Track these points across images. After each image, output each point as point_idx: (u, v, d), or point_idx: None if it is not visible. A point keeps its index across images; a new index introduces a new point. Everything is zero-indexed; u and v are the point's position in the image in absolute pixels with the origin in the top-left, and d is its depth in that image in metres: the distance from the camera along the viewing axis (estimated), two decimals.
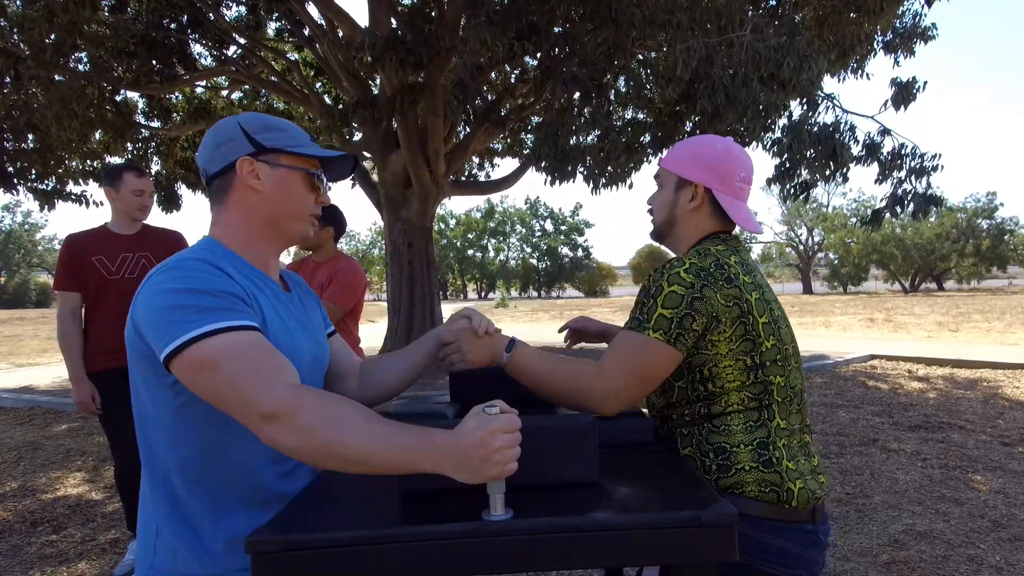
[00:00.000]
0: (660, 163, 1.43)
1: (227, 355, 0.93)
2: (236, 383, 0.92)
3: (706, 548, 0.84)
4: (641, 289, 1.30)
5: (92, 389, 2.88)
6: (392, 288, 9.57)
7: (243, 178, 1.11)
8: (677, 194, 1.38)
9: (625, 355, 1.24)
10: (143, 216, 2.99)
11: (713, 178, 1.35)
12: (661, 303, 1.22)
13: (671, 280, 1.23)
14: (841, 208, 48.52)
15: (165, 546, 1.05)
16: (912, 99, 7.25)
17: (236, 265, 1.10)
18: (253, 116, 1.16)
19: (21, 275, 51.62)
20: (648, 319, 1.23)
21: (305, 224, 1.18)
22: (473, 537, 0.84)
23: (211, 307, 0.96)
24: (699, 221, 1.38)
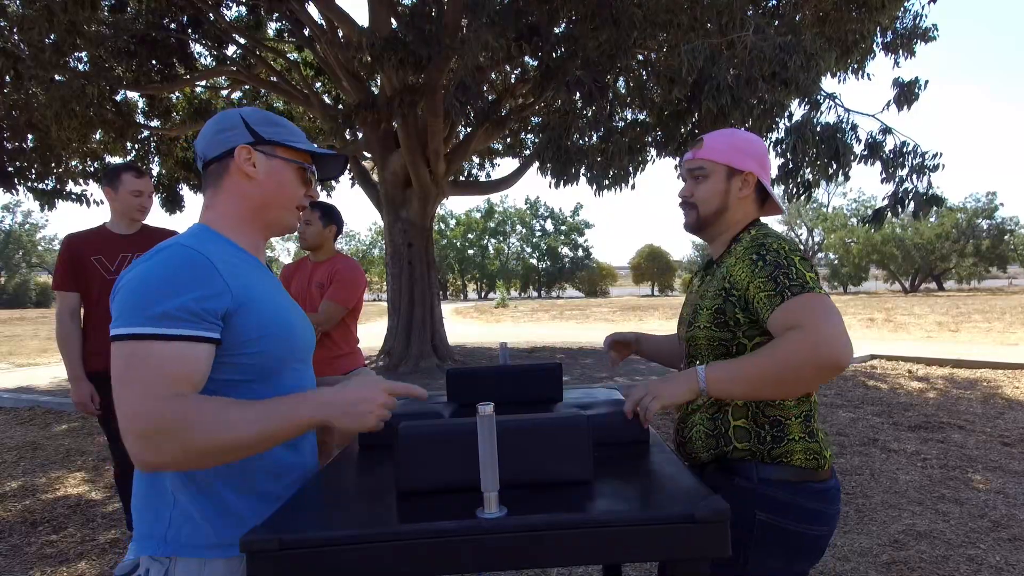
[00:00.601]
0: (700, 156, 1.47)
1: (133, 363, 0.97)
2: (122, 395, 0.97)
3: (699, 544, 0.84)
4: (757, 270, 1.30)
5: (91, 389, 2.88)
6: (392, 288, 9.57)
7: (239, 164, 1.16)
8: (729, 183, 1.45)
9: (819, 310, 1.21)
10: (142, 217, 2.98)
11: (758, 167, 1.46)
12: (802, 267, 1.28)
13: (792, 250, 1.32)
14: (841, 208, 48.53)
15: (182, 516, 1.07)
16: (915, 99, 7.25)
17: (224, 247, 1.14)
18: (255, 109, 1.21)
19: (21, 275, 51.64)
20: (806, 281, 1.26)
21: (292, 214, 1.24)
22: (467, 535, 0.84)
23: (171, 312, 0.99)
24: (746, 208, 1.48)
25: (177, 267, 1.02)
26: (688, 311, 1.54)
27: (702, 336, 1.41)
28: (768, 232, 1.41)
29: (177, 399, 0.97)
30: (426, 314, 9.45)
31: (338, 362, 3.07)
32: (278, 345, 1.13)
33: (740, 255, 1.40)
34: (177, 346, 0.98)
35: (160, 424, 0.95)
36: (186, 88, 10.25)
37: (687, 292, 1.67)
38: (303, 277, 3.14)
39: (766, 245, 1.35)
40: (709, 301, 1.42)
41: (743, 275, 1.34)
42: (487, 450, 0.87)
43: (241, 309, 1.07)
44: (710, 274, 1.51)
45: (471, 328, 18.37)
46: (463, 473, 0.97)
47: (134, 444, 0.96)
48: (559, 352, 11.01)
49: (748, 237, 1.44)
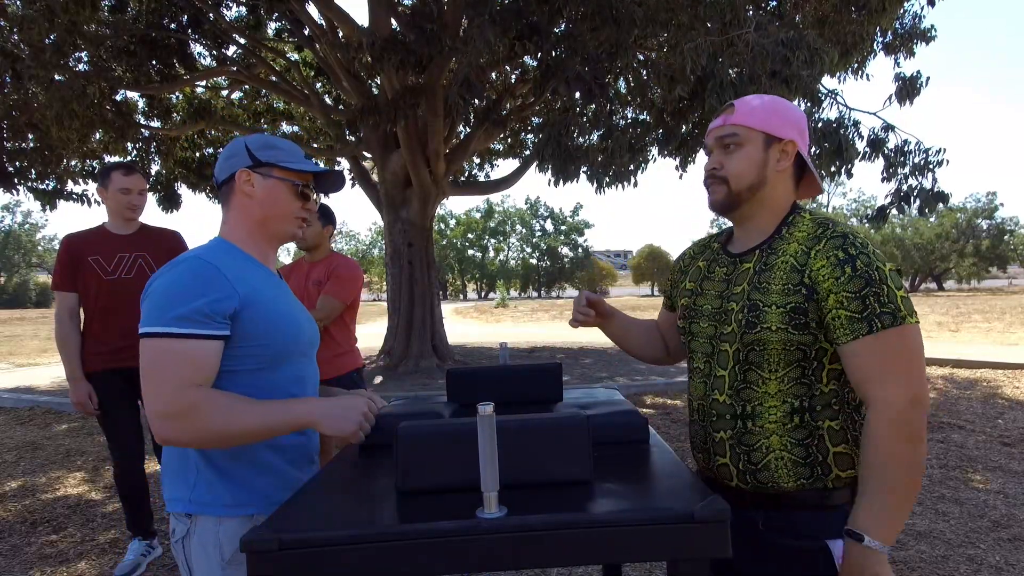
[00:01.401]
0: (734, 121, 1.27)
1: (158, 358, 1.18)
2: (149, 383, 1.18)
3: (699, 544, 0.84)
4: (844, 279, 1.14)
5: (89, 389, 2.88)
6: (392, 288, 9.57)
7: (240, 185, 1.36)
8: (767, 153, 1.26)
9: (903, 356, 1.11)
10: (133, 215, 2.94)
11: (799, 137, 1.28)
12: (895, 285, 1.14)
13: (879, 258, 1.16)
14: (841, 208, 48.52)
15: (204, 482, 1.28)
16: (916, 93, 7.24)
17: (237, 257, 1.34)
18: (259, 136, 1.39)
19: (21, 275, 51.65)
20: (899, 307, 1.12)
21: (292, 225, 1.41)
22: (467, 535, 0.84)
23: (179, 315, 1.19)
24: (785, 184, 1.29)
25: (192, 277, 1.22)
26: (719, 306, 1.30)
27: (775, 340, 1.18)
28: (838, 223, 1.23)
29: (197, 390, 1.18)
30: (426, 314, 9.45)
31: (339, 360, 3.10)
32: (281, 339, 1.31)
33: (814, 245, 1.20)
34: (194, 343, 1.19)
35: (181, 409, 1.16)
36: (186, 88, 10.24)
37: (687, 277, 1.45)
38: (300, 277, 3.16)
39: (853, 243, 1.16)
40: (779, 297, 1.19)
41: (825, 275, 1.15)
42: (487, 450, 0.87)
43: (247, 308, 1.25)
44: (755, 262, 1.27)
45: (471, 328, 18.37)
46: (463, 473, 0.97)
47: (158, 423, 1.17)
48: (559, 352, 11.01)
49: (809, 220, 1.25)
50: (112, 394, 2.92)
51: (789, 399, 1.20)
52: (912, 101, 7.27)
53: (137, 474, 3.02)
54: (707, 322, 1.32)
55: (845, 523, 1.15)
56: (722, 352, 1.27)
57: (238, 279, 1.27)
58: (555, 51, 6.93)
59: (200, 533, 1.26)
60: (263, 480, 1.30)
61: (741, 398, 1.23)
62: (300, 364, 1.38)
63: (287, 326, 1.32)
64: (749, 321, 1.21)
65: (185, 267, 1.24)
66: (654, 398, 6.87)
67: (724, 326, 1.27)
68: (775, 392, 1.21)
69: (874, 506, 1.08)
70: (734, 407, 1.24)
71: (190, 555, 1.27)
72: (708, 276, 1.37)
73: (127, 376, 2.92)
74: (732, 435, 1.24)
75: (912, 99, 7.25)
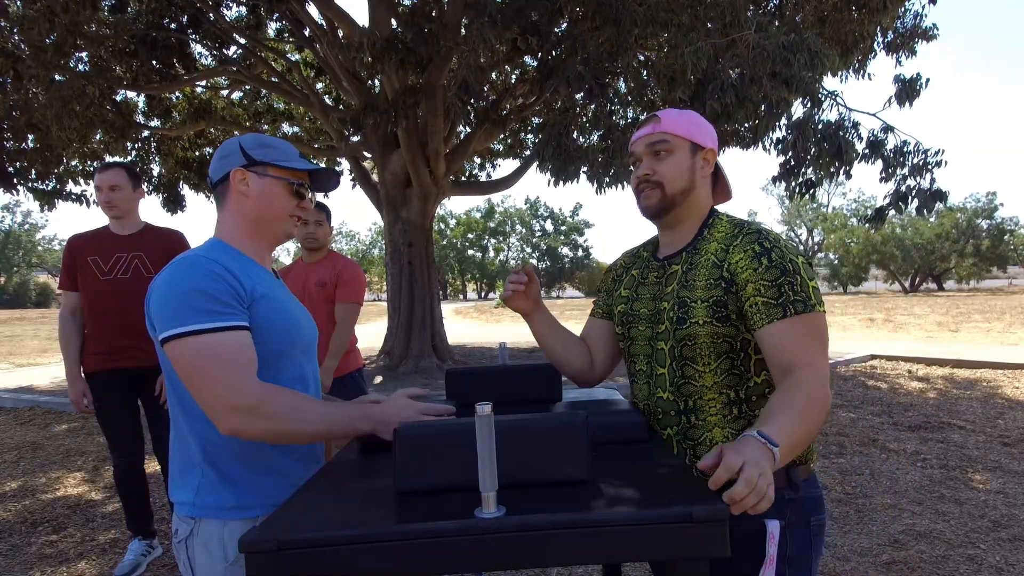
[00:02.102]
0: (662, 129, 1.35)
1: (207, 353, 1.16)
2: (209, 378, 1.15)
3: (698, 544, 0.84)
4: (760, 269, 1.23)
5: (84, 388, 2.90)
6: (392, 288, 9.57)
7: (235, 185, 1.35)
8: (694, 160, 1.35)
9: (815, 338, 1.21)
10: (111, 212, 2.91)
11: (714, 146, 1.38)
12: (807, 276, 1.23)
13: (793, 252, 1.25)
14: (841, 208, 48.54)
15: (208, 484, 1.27)
16: (916, 95, 7.24)
17: (234, 257, 1.32)
18: (253, 136, 1.38)
19: (21, 275, 51.65)
20: (809, 295, 1.22)
21: (288, 224, 1.40)
22: (466, 535, 0.84)
23: (207, 309, 1.18)
24: (707, 189, 1.39)
25: (201, 273, 1.21)
26: (654, 308, 1.37)
27: (704, 333, 1.27)
28: (752, 222, 1.34)
29: (260, 383, 1.18)
30: (426, 314, 9.45)
31: (345, 359, 3.13)
32: (281, 337, 1.31)
33: (732, 242, 1.29)
34: (233, 335, 1.19)
35: (252, 402, 1.16)
36: (186, 88, 10.24)
37: (621, 285, 1.50)
38: (298, 277, 3.16)
39: (767, 237, 1.26)
40: (703, 292, 1.28)
41: (743, 267, 1.25)
42: (485, 450, 0.87)
43: (253, 305, 1.26)
44: (682, 263, 1.36)
45: (471, 328, 18.38)
46: (461, 473, 0.97)
47: (228, 417, 1.16)
48: None
49: (726, 221, 1.35)
50: (112, 394, 2.92)
51: (725, 391, 1.29)
52: (912, 103, 7.26)
53: (137, 474, 3.02)
54: (644, 324, 1.39)
55: (779, 503, 1.20)
56: (659, 351, 1.35)
57: (241, 276, 1.27)
58: (555, 51, 6.93)
59: (203, 534, 1.26)
60: (268, 481, 1.29)
61: (682, 393, 1.31)
62: (300, 363, 1.38)
63: (288, 323, 1.33)
64: (679, 317, 1.30)
65: (188, 263, 1.23)
66: None
67: (659, 325, 1.35)
68: (711, 384, 1.29)
69: (786, 430, 1.06)
70: (677, 403, 1.32)
71: (193, 555, 1.27)
72: (642, 283, 1.44)
73: (126, 376, 2.93)
74: (678, 431, 1.32)
75: (912, 101, 7.25)
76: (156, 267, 2.95)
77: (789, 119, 7.03)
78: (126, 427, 2.98)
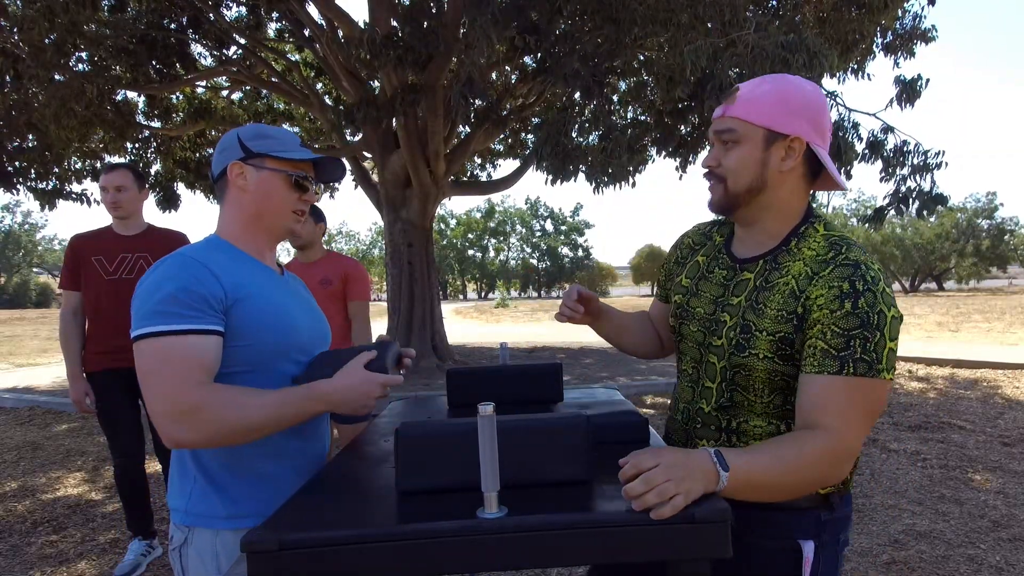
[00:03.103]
0: (732, 113, 1.15)
1: (158, 357, 1.13)
2: (154, 385, 1.12)
3: (699, 544, 0.84)
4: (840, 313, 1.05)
5: (86, 388, 2.89)
6: (392, 288, 9.57)
7: (233, 180, 1.29)
8: (767, 151, 1.13)
9: (862, 407, 1.05)
10: (117, 212, 2.93)
11: (811, 129, 1.14)
12: (889, 335, 1.04)
13: (887, 301, 1.05)
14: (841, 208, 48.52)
15: (200, 492, 1.24)
16: (917, 96, 7.24)
17: (231, 255, 1.28)
18: (252, 126, 1.32)
19: (21, 275, 51.63)
20: (880, 358, 1.04)
21: (289, 219, 1.33)
22: (468, 535, 0.84)
23: (171, 312, 1.14)
24: (794, 184, 1.16)
25: (176, 272, 1.17)
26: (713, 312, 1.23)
27: (761, 368, 1.13)
28: (853, 244, 1.12)
29: (199, 387, 1.12)
30: (426, 314, 9.45)
31: None
32: (273, 338, 1.24)
33: (820, 270, 1.10)
34: (191, 339, 1.13)
35: (187, 408, 1.10)
36: (186, 88, 10.24)
37: (684, 271, 1.35)
38: None
39: (863, 276, 1.05)
40: (771, 324, 1.12)
41: (821, 305, 1.07)
42: (487, 450, 0.87)
43: (235, 305, 1.20)
44: (756, 274, 1.19)
45: (471, 328, 18.37)
46: (463, 473, 0.97)
47: (167, 425, 1.11)
48: (559, 352, 11.01)
49: (822, 236, 1.15)
50: (112, 394, 2.92)
51: (774, 422, 1.17)
52: (912, 104, 7.26)
53: (137, 474, 3.02)
54: (697, 326, 1.25)
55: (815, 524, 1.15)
56: (710, 364, 1.22)
57: (225, 273, 1.21)
58: (554, 50, 6.93)
59: (197, 543, 1.23)
60: (262, 491, 1.24)
61: (727, 413, 1.20)
62: (300, 363, 1.31)
63: (278, 323, 1.25)
64: (739, 343, 1.15)
65: (169, 264, 1.19)
66: (654, 398, 6.87)
67: (714, 337, 1.21)
68: (760, 412, 1.18)
69: (755, 465, 0.97)
70: (719, 420, 1.21)
71: (187, 564, 1.24)
72: (706, 276, 1.29)
73: (128, 376, 2.93)
74: (715, 445, 1.20)
75: (912, 102, 7.25)
76: None
77: None
78: (127, 427, 2.97)
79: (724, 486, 0.92)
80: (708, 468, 0.92)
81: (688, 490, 0.87)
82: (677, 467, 0.89)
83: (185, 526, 1.24)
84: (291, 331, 1.28)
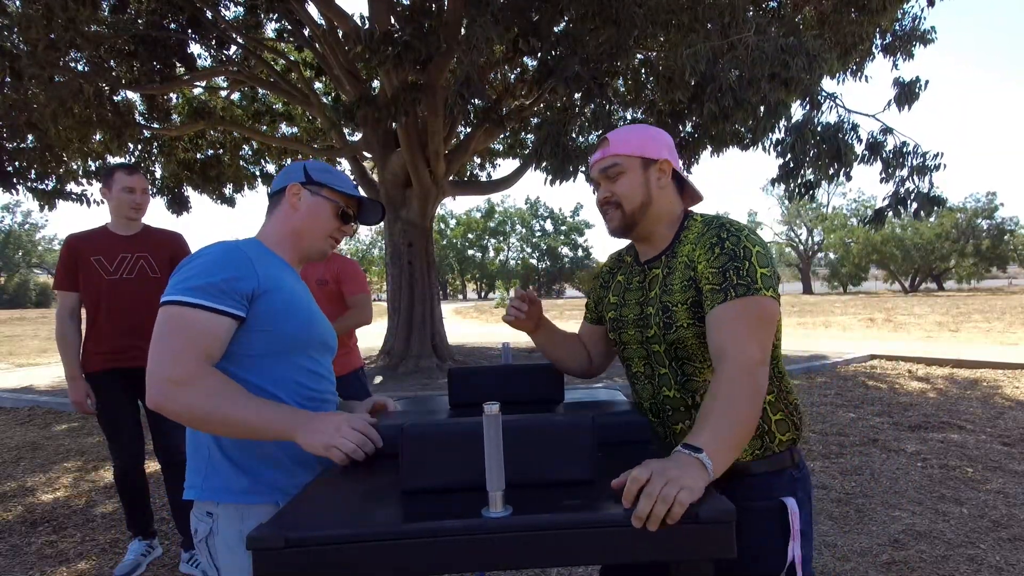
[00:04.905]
0: (611, 152, 1.39)
1: (172, 323, 1.21)
2: (159, 345, 1.20)
3: (704, 544, 0.85)
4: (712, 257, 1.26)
5: (87, 389, 2.88)
6: (392, 288, 9.57)
7: (288, 197, 1.45)
8: (647, 174, 1.38)
9: (750, 322, 1.20)
10: (136, 215, 2.95)
11: (671, 155, 1.41)
12: (758, 263, 1.24)
13: (752, 240, 1.27)
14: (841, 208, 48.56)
15: (217, 468, 1.30)
16: (915, 98, 7.25)
17: (268, 257, 1.39)
18: (318, 163, 1.50)
19: (21, 275, 51.60)
20: (755, 280, 1.22)
21: (325, 243, 1.48)
22: (473, 534, 0.84)
23: (199, 287, 1.23)
24: (670, 197, 1.41)
25: (217, 256, 1.28)
26: (640, 312, 1.40)
27: (690, 335, 1.30)
28: (724, 218, 1.36)
29: (197, 363, 1.19)
30: (426, 314, 9.45)
31: (340, 360, 3.15)
32: (297, 328, 1.34)
33: (697, 239, 1.33)
34: (204, 315, 1.22)
35: (179, 376, 1.18)
36: (185, 89, 10.24)
37: (609, 291, 1.53)
38: None
39: (727, 228, 1.30)
40: (680, 295, 1.31)
41: (700, 259, 1.29)
42: (493, 450, 0.88)
43: (266, 293, 1.30)
44: (661, 267, 1.39)
45: (471, 328, 18.38)
46: (468, 472, 0.97)
47: (154, 387, 1.18)
48: None
49: (699, 221, 1.38)
50: (113, 394, 2.92)
51: None
52: (911, 106, 7.27)
53: (137, 474, 3.02)
54: (633, 329, 1.41)
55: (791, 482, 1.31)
56: (656, 353, 1.38)
57: (262, 265, 1.33)
58: (555, 50, 6.94)
59: (223, 532, 1.27)
60: (273, 473, 1.30)
61: (688, 389, 1.34)
62: (314, 359, 1.40)
63: (303, 314, 1.36)
64: (665, 323, 1.33)
65: (214, 248, 1.31)
66: None
67: (647, 330, 1.37)
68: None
69: (717, 435, 1.07)
70: (684, 399, 1.35)
71: (216, 553, 1.28)
72: (627, 288, 1.48)
73: (128, 376, 2.93)
74: (689, 425, 1.33)
75: (911, 104, 7.25)
76: (163, 268, 2.96)
77: (788, 121, 7.04)
78: (127, 427, 2.97)
79: (712, 466, 0.99)
80: (690, 461, 0.99)
81: (687, 486, 0.90)
82: (668, 469, 0.93)
83: (208, 514, 1.29)
84: (310, 324, 1.38)
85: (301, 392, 1.36)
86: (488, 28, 5.82)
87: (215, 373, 1.21)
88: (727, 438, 1.07)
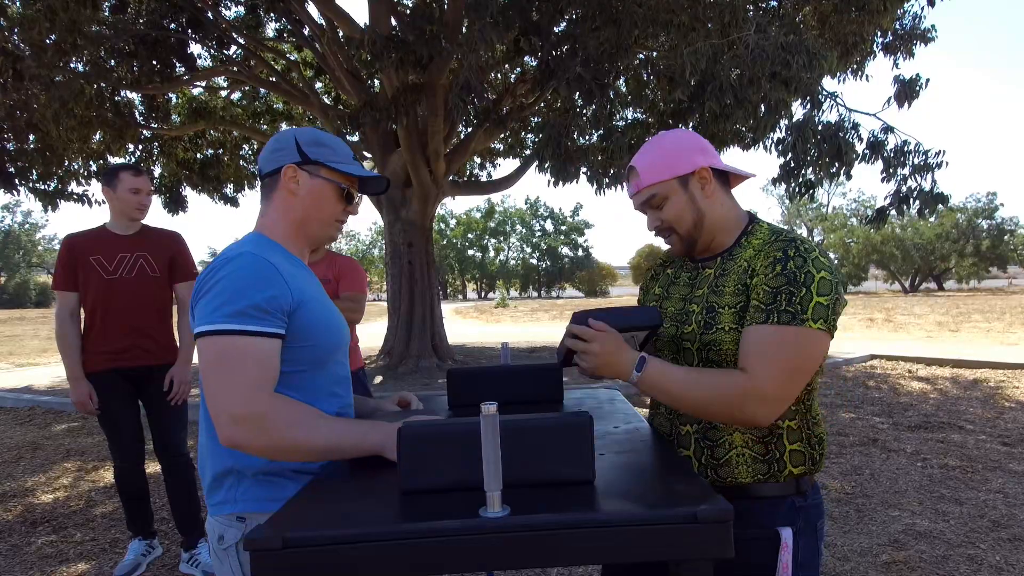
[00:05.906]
0: (645, 184, 1.33)
1: (228, 356, 1.12)
2: (221, 383, 1.12)
3: (702, 544, 0.84)
4: (771, 275, 1.21)
5: (89, 389, 2.88)
6: (392, 288, 9.57)
7: (285, 182, 1.31)
8: (689, 191, 1.31)
9: (782, 353, 1.16)
10: (141, 215, 2.96)
11: (702, 156, 1.32)
12: (816, 292, 1.17)
13: (818, 265, 1.19)
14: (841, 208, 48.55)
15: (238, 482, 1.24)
16: (916, 96, 7.24)
17: (286, 257, 1.30)
18: (309, 131, 1.34)
19: (21, 275, 51.60)
20: (804, 310, 1.16)
21: (332, 228, 1.37)
22: (470, 534, 0.84)
23: (244, 311, 1.14)
24: (722, 201, 1.34)
25: (249, 272, 1.17)
26: (682, 307, 1.37)
27: (729, 340, 1.25)
28: (795, 233, 1.29)
29: (268, 396, 1.13)
30: (426, 314, 9.45)
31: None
32: (328, 337, 1.28)
33: (761, 247, 1.28)
34: (257, 341, 1.14)
35: (254, 414, 1.11)
36: (184, 89, 10.24)
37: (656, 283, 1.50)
38: None
39: (796, 248, 1.22)
40: (730, 299, 1.27)
41: (759, 270, 1.24)
42: (490, 449, 0.87)
43: (299, 308, 1.22)
44: (715, 268, 1.35)
45: (471, 328, 18.38)
46: (466, 472, 0.97)
47: (228, 428, 1.11)
48: None
49: (767, 229, 1.32)
50: (113, 394, 2.92)
51: None
52: (911, 104, 7.26)
53: (137, 474, 3.02)
54: (670, 323, 1.38)
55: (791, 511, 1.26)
56: (685, 351, 1.34)
57: (290, 277, 1.23)
58: (555, 51, 6.93)
59: None
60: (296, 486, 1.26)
61: None
62: (341, 364, 1.35)
63: (333, 324, 1.30)
64: (706, 322, 1.29)
65: (240, 262, 1.18)
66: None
67: (685, 326, 1.34)
68: None
69: (673, 375, 1.21)
70: None
71: (245, 560, 1.22)
72: (674, 282, 1.45)
73: (128, 376, 2.93)
74: (698, 429, 1.31)
75: (911, 102, 7.24)
76: (162, 268, 2.96)
77: (789, 120, 7.03)
78: (127, 427, 2.97)
79: (635, 378, 1.21)
80: (625, 369, 1.22)
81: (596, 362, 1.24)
82: (605, 354, 1.23)
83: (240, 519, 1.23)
84: (339, 330, 1.33)
85: (334, 402, 1.31)
86: (488, 31, 5.82)
87: (285, 401, 1.15)
88: (670, 383, 1.20)
